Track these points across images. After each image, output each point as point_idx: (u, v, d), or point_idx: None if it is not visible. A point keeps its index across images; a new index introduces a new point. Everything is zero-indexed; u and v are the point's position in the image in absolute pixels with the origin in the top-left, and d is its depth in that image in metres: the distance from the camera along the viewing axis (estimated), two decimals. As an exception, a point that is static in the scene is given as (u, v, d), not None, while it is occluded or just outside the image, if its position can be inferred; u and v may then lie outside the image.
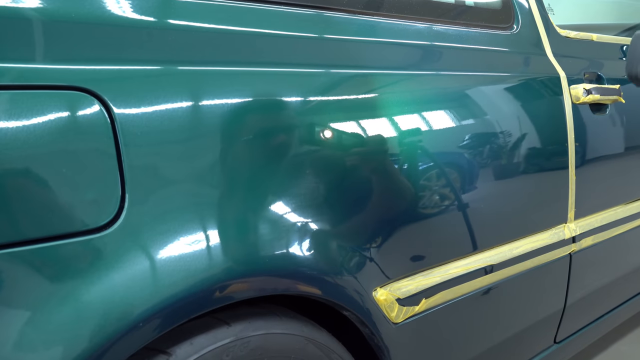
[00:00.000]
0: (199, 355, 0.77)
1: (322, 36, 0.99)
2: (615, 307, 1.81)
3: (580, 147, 1.45)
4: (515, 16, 1.41)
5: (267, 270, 0.82)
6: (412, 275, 1.07)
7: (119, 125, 0.70)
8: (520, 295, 1.37)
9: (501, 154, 1.27)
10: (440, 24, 1.26)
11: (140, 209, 0.71)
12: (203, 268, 0.73)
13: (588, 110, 1.50)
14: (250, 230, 0.81)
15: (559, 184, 1.41)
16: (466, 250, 1.18)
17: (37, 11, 0.67)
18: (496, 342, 1.35)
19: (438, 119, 1.15)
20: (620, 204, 1.68)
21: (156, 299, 0.69)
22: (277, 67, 0.88)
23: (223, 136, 0.79)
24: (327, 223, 0.91)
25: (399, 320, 1.04)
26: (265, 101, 0.85)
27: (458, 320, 1.20)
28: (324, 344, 0.93)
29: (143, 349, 0.74)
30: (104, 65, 0.71)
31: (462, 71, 1.24)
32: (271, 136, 0.85)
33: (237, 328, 0.82)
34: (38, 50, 0.67)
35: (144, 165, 0.72)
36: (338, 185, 0.94)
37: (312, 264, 0.87)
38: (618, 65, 1.72)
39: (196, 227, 0.75)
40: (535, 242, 1.36)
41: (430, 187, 1.11)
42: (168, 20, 0.79)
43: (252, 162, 0.82)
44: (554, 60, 1.46)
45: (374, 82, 1.04)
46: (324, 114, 0.93)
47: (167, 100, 0.75)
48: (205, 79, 0.79)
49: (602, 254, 1.62)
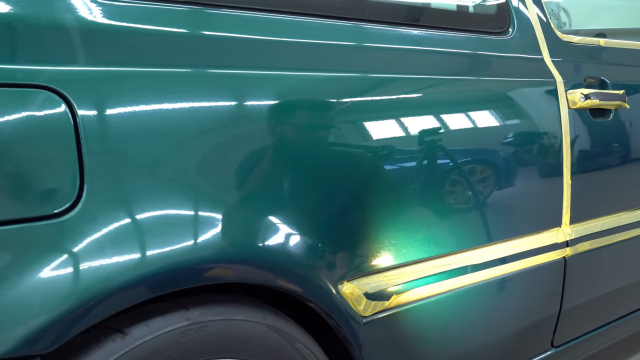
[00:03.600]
0: (155, 336, 0.83)
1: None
2: (620, 317, 1.79)
3: (576, 151, 1.46)
4: (511, 21, 1.43)
5: (222, 258, 0.87)
6: (384, 271, 1.11)
7: (80, 121, 0.77)
8: (509, 296, 1.39)
9: (488, 155, 1.29)
10: (433, 29, 1.29)
11: (98, 198, 0.78)
12: (151, 255, 0.80)
13: (587, 115, 1.50)
14: (207, 219, 0.87)
15: (552, 187, 1.42)
16: (445, 249, 1.21)
17: (8, 16, 0.75)
18: (482, 341, 1.37)
19: (425, 122, 1.18)
20: (624, 211, 1.67)
21: (108, 281, 0.76)
22: (240, 70, 0.94)
23: (180, 132, 0.85)
24: (291, 216, 0.96)
25: (367, 314, 1.08)
26: (220, 99, 0.91)
27: (437, 318, 1.23)
28: (287, 333, 0.98)
29: (103, 327, 0.81)
30: (69, 67, 0.78)
31: (452, 75, 1.28)
32: (225, 134, 0.91)
33: (195, 313, 0.88)
34: (10, 52, 0.75)
35: (103, 158, 0.79)
36: (305, 179, 0.99)
37: (270, 253, 0.92)
38: (627, 71, 1.71)
39: (150, 217, 0.81)
40: (525, 244, 1.37)
41: (409, 185, 1.14)
42: (133, 25, 0.85)
43: (204, 158, 0.88)
44: (552, 65, 1.47)
45: (372, 85, 1.11)
46: (285, 115, 0.98)
47: (127, 99, 0.81)
48: (165, 81, 0.85)
49: (602, 260, 1.61)
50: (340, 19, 1.13)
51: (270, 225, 0.94)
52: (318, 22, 1.09)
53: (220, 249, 0.87)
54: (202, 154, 0.87)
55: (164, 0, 0.90)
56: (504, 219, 1.33)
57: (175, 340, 0.85)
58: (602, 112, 1.56)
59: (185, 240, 0.83)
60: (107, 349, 0.79)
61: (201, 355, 0.88)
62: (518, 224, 1.36)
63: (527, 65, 1.43)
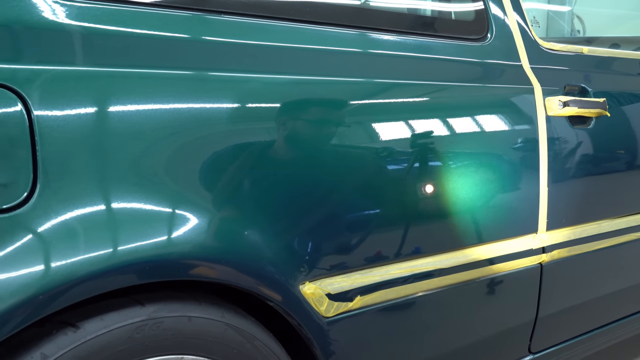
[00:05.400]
0: (108, 330, 0.85)
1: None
2: (601, 326, 1.78)
3: (554, 158, 1.46)
4: (490, 27, 1.44)
5: (175, 256, 0.89)
6: (349, 272, 1.12)
7: (35, 119, 0.79)
8: (482, 300, 1.40)
9: (462, 160, 1.30)
10: (407, 35, 1.31)
11: (51, 194, 0.80)
12: (101, 253, 0.82)
13: (566, 122, 1.51)
14: (158, 216, 0.89)
15: (528, 194, 1.43)
16: (414, 251, 1.22)
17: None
18: (453, 346, 1.38)
19: (398, 127, 1.20)
20: (605, 219, 1.67)
21: (56, 276, 0.78)
22: (197, 71, 0.96)
23: (135, 131, 0.87)
24: (248, 214, 0.98)
25: (329, 314, 1.09)
26: (176, 99, 0.93)
27: (404, 321, 1.24)
28: (246, 331, 0.99)
29: (56, 321, 0.83)
30: (26, 65, 0.81)
31: (426, 81, 1.29)
32: (177, 135, 0.92)
33: (151, 309, 0.89)
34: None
35: (57, 155, 0.81)
36: (262, 179, 1.01)
37: (225, 250, 0.94)
38: (610, 79, 1.71)
39: (102, 215, 0.83)
40: (498, 249, 1.38)
41: (376, 188, 1.16)
42: (91, 25, 0.88)
43: (155, 157, 0.90)
44: (530, 72, 1.47)
45: (344, 90, 1.13)
46: (244, 118, 1.00)
47: (84, 98, 0.84)
48: (122, 81, 0.88)
49: (581, 268, 1.62)
50: (313, 23, 1.15)
51: (226, 221, 0.96)
52: (285, 25, 1.10)
53: (172, 247, 0.89)
54: (153, 152, 0.89)
55: (123, 2, 0.92)
56: (477, 223, 1.34)
57: (129, 336, 0.86)
58: (583, 120, 1.56)
59: (135, 237, 0.85)
60: (58, 342, 0.81)
61: (156, 351, 0.90)
62: (491, 229, 1.37)
63: (505, 72, 1.44)
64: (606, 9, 2.75)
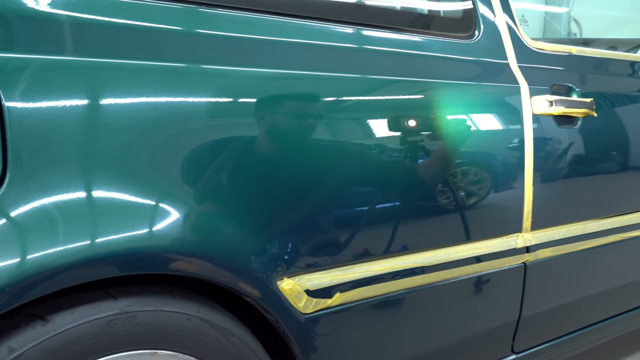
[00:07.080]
0: (79, 324, 0.83)
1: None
2: (586, 326, 1.78)
3: (539, 157, 1.45)
4: (477, 25, 1.43)
5: (151, 250, 0.88)
6: (328, 269, 1.11)
7: (6, 108, 0.78)
8: (463, 300, 1.39)
9: (446, 157, 1.29)
10: (395, 31, 1.30)
11: (21, 184, 0.78)
12: (77, 245, 0.80)
13: (552, 122, 1.50)
14: (129, 208, 0.87)
15: (512, 193, 1.42)
16: (395, 249, 1.21)
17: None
18: (435, 345, 1.37)
19: (383, 124, 1.19)
20: (591, 219, 1.66)
21: (23, 267, 0.76)
22: (168, 63, 0.95)
23: (108, 122, 0.86)
24: (224, 209, 0.97)
25: (308, 311, 1.08)
26: (152, 90, 0.92)
27: (385, 319, 1.23)
28: (221, 326, 0.98)
29: (25, 314, 0.81)
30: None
31: (412, 77, 1.28)
32: (148, 127, 0.91)
33: (124, 302, 0.88)
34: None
35: (28, 145, 0.79)
36: (239, 173, 0.99)
37: (200, 244, 0.93)
38: (598, 79, 1.71)
39: (72, 205, 0.82)
40: (481, 248, 1.37)
41: (357, 185, 1.15)
42: (66, 13, 0.86)
43: (126, 148, 0.89)
44: (517, 70, 1.47)
45: (328, 86, 1.12)
46: (216, 113, 0.99)
47: (55, 88, 0.82)
48: (97, 71, 0.86)
49: (566, 268, 1.61)
50: (299, 17, 1.14)
51: (204, 216, 0.95)
52: (271, 19, 1.09)
53: (150, 240, 0.88)
54: (130, 143, 0.88)
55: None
56: (460, 221, 1.33)
57: (101, 330, 0.85)
58: (569, 120, 1.55)
59: (110, 229, 0.84)
60: (26, 335, 0.80)
61: (128, 345, 0.89)
62: (474, 228, 1.36)
63: (492, 70, 1.43)
64: (604, 11, 2.75)
